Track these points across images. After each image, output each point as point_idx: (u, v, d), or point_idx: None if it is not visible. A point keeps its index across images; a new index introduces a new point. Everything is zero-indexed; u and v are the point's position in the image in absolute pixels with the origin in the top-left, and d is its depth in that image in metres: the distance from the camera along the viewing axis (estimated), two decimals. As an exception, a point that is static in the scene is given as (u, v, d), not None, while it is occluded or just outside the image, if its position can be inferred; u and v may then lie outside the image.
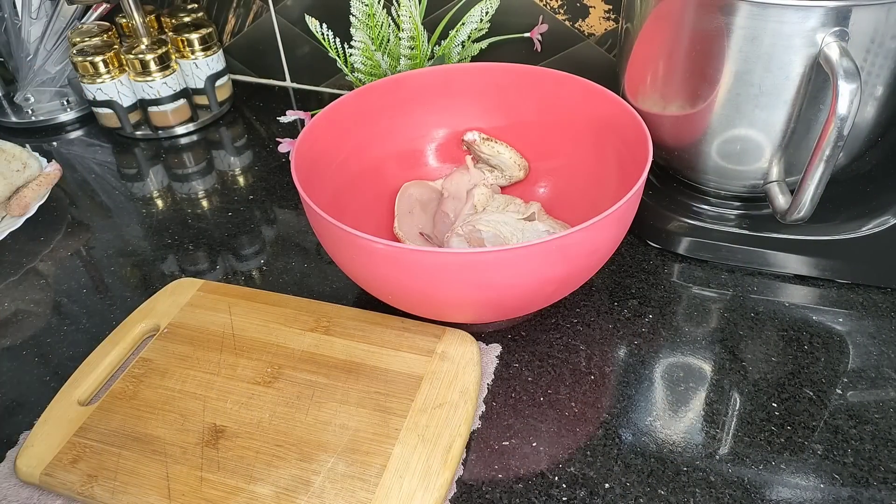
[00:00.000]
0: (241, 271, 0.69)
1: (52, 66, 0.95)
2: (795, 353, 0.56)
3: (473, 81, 0.68)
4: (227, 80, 0.96)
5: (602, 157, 0.64)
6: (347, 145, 0.66)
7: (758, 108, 0.54)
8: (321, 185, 0.61)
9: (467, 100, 0.69)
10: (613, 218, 0.49)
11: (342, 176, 0.65)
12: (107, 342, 0.58)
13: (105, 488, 0.48)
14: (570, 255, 0.49)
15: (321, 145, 0.62)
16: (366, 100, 0.66)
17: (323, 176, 0.62)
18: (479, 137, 0.68)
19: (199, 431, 0.51)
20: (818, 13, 0.48)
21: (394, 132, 0.70)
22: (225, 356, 0.56)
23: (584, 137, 0.65)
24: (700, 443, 0.50)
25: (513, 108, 0.69)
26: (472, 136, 0.68)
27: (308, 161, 0.59)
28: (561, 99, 0.66)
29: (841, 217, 0.60)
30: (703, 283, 0.63)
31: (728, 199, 0.65)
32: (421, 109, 0.70)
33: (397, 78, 0.67)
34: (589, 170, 0.65)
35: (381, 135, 0.69)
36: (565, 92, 0.65)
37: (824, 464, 0.49)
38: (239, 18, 0.97)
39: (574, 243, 0.48)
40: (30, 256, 0.73)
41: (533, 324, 0.60)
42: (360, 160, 0.67)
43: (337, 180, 0.64)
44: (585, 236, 0.48)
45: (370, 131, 0.68)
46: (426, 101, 0.69)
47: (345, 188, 0.65)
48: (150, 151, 0.90)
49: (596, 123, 0.64)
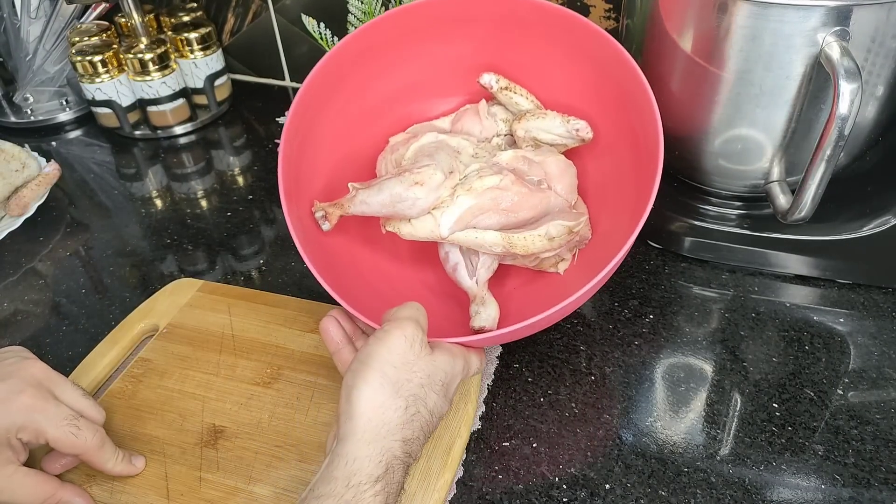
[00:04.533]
0: (241, 271, 0.69)
1: (51, 65, 0.95)
2: (796, 353, 0.56)
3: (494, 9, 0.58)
4: (227, 80, 0.96)
5: (618, 135, 0.57)
6: (344, 92, 0.60)
7: (759, 107, 0.54)
8: (315, 171, 0.58)
9: (479, 33, 0.60)
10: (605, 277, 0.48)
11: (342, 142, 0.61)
12: (106, 342, 0.58)
13: (104, 488, 0.47)
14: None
15: (312, 114, 0.57)
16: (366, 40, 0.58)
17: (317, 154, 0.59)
18: (497, 84, 0.59)
19: (199, 432, 0.51)
20: (819, 13, 0.48)
21: (394, 71, 0.62)
22: (224, 356, 0.56)
23: (602, 107, 0.58)
24: (701, 443, 0.50)
25: (534, 55, 0.60)
26: (489, 79, 0.59)
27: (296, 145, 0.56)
28: (589, 56, 0.56)
29: (842, 217, 0.60)
30: (704, 284, 0.63)
31: (729, 199, 0.64)
32: (431, 41, 0.61)
33: (406, 8, 0.58)
34: (602, 144, 0.59)
35: (381, 75, 0.62)
36: (595, 50, 0.55)
37: (825, 464, 0.48)
38: (238, 18, 0.97)
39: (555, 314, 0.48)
40: (29, 256, 0.72)
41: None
42: (362, 110, 0.62)
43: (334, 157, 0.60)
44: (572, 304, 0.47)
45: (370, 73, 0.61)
46: (441, 34, 0.60)
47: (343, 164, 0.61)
48: (149, 151, 0.90)
49: (615, 100, 0.56)
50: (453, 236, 0.54)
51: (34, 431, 0.44)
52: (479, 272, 0.56)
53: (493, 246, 0.53)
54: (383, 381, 0.42)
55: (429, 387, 0.43)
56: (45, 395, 0.45)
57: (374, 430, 0.40)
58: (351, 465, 0.39)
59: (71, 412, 0.45)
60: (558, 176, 0.57)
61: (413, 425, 0.42)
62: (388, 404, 0.41)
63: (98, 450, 0.46)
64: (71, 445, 0.45)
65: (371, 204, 0.55)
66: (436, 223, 0.54)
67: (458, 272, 0.57)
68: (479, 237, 0.53)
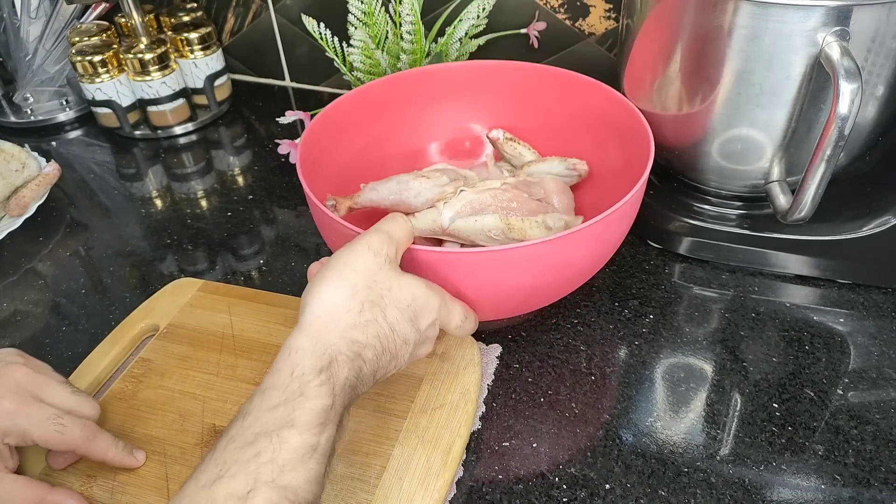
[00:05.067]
0: (241, 271, 0.69)
1: (50, 65, 0.95)
2: (796, 353, 0.56)
3: (496, 78, 0.69)
4: (227, 80, 0.96)
5: (605, 157, 0.64)
6: (358, 140, 0.67)
7: (759, 107, 0.54)
8: (323, 182, 0.61)
9: (486, 96, 0.71)
10: (610, 220, 0.49)
11: (349, 170, 0.65)
12: (106, 342, 0.58)
13: (104, 488, 0.47)
14: (554, 262, 0.50)
15: (326, 142, 0.63)
16: (377, 94, 0.67)
17: (327, 171, 0.62)
18: (503, 136, 0.69)
19: (199, 432, 0.51)
20: (819, 13, 0.48)
21: (418, 125, 0.71)
22: (224, 356, 0.56)
23: (590, 136, 0.66)
24: (701, 443, 0.50)
25: (523, 106, 0.70)
26: (497, 133, 0.69)
27: (312, 157, 0.60)
28: (571, 97, 0.66)
29: (842, 217, 0.60)
30: (704, 284, 0.63)
31: (729, 199, 0.64)
32: (446, 103, 0.71)
33: (427, 70, 0.69)
34: (596, 170, 0.65)
35: (397, 129, 0.70)
36: (577, 91, 0.66)
37: (825, 464, 0.48)
38: (238, 18, 0.97)
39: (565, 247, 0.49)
40: (28, 256, 0.72)
41: (533, 324, 0.60)
42: (369, 154, 0.68)
43: (343, 174, 0.65)
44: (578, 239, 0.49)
45: (385, 125, 0.69)
46: (453, 95, 0.70)
47: (350, 180, 0.65)
48: (149, 151, 0.90)
49: (599, 122, 0.64)
50: (453, 225, 0.56)
51: (19, 435, 0.45)
52: None
53: (492, 229, 0.55)
54: (340, 283, 0.43)
55: (391, 301, 0.43)
56: (26, 399, 0.45)
57: (322, 324, 0.41)
58: (294, 356, 0.40)
59: (55, 412, 0.46)
60: (557, 193, 0.61)
61: (367, 331, 0.42)
62: (341, 304, 0.42)
63: (89, 443, 0.46)
64: (59, 443, 0.45)
65: (379, 190, 0.60)
66: (438, 213, 0.57)
67: None
68: (479, 221, 0.56)
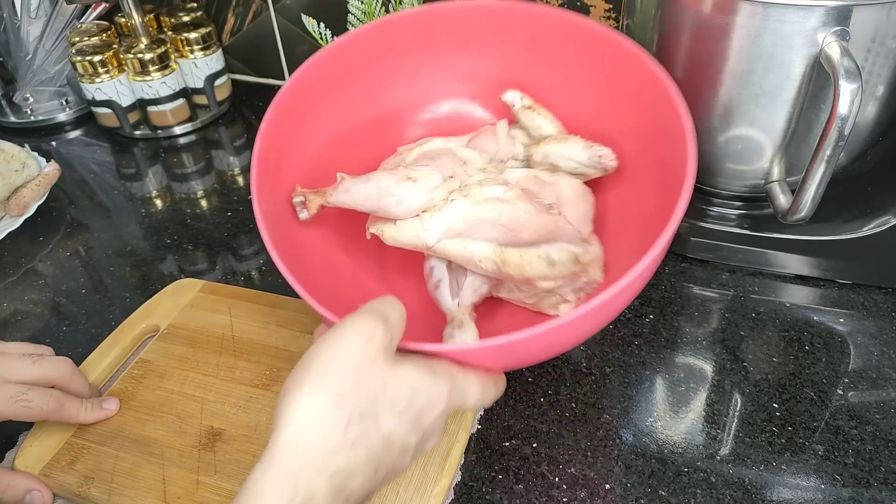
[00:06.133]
0: (241, 271, 0.69)
1: (50, 65, 0.95)
2: (796, 353, 0.56)
3: (514, 25, 0.55)
4: (227, 80, 0.96)
5: (638, 150, 0.53)
6: (341, 98, 0.56)
7: (759, 107, 0.54)
8: (293, 171, 0.53)
9: (500, 48, 0.56)
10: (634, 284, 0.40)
11: (328, 148, 0.56)
12: (107, 343, 0.58)
13: (102, 490, 0.47)
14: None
15: (296, 117, 0.53)
16: (364, 45, 0.55)
17: (300, 155, 0.54)
18: (521, 102, 0.55)
19: (197, 434, 0.51)
20: (819, 13, 0.48)
21: (412, 77, 0.58)
22: (224, 358, 0.56)
23: (631, 136, 0.53)
24: (701, 443, 0.50)
25: (558, 68, 0.56)
26: (513, 97, 0.55)
27: (279, 142, 0.51)
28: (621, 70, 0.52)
29: (842, 217, 0.60)
30: (704, 284, 0.63)
31: (729, 198, 0.64)
32: (452, 50, 0.57)
33: (427, 9, 0.54)
34: (627, 177, 0.54)
35: (387, 86, 0.58)
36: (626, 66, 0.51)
37: (825, 464, 0.48)
38: (238, 18, 0.97)
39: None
40: (28, 257, 0.72)
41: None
42: (355, 116, 0.58)
43: (321, 154, 0.56)
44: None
45: (373, 79, 0.58)
46: (462, 42, 0.56)
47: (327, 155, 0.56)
48: (149, 151, 0.90)
49: (646, 127, 0.51)
50: (440, 245, 0.47)
51: None
52: (463, 292, 0.49)
53: (483, 260, 0.46)
54: (321, 389, 0.34)
55: (385, 404, 0.34)
56: None
57: (296, 453, 0.33)
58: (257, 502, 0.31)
59: (19, 388, 0.47)
60: (573, 201, 0.50)
61: (355, 452, 0.33)
62: (322, 420, 0.33)
63: (59, 411, 0.48)
64: (29, 416, 0.48)
65: (355, 194, 0.49)
66: (423, 227, 0.47)
67: (439, 290, 0.50)
68: (468, 248, 0.46)
